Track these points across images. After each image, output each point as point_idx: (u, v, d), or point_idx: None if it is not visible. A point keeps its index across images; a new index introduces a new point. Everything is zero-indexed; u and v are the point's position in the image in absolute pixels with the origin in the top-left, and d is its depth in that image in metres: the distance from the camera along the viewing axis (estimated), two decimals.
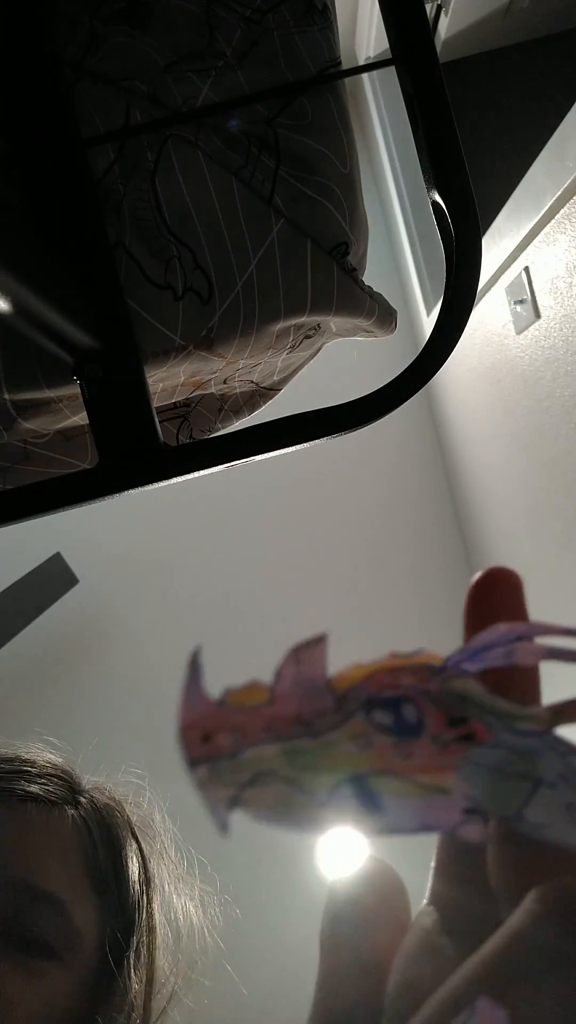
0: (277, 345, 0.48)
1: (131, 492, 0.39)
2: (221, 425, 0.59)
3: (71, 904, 0.41)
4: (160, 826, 0.50)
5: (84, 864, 0.43)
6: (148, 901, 0.46)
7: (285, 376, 0.59)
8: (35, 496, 0.38)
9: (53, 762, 0.48)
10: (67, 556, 1.74)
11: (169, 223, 0.40)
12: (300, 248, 0.42)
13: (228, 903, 0.52)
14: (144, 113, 0.40)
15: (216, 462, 0.39)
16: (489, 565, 0.20)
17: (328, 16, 0.43)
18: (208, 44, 0.42)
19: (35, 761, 0.47)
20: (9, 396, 0.40)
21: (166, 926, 0.46)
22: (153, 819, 0.50)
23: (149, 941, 0.44)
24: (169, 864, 0.49)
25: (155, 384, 0.46)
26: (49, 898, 0.40)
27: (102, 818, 0.46)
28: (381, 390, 0.39)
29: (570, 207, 0.94)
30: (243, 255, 0.41)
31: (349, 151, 0.44)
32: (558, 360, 1.09)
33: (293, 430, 0.39)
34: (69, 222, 0.38)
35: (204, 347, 0.42)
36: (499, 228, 1.16)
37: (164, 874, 0.48)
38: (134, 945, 0.43)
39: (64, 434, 0.50)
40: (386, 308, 0.50)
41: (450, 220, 0.38)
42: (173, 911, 0.47)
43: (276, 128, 0.42)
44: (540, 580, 1.41)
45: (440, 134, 0.37)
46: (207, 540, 1.94)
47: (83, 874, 0.43)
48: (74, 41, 0.40)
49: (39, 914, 0.40)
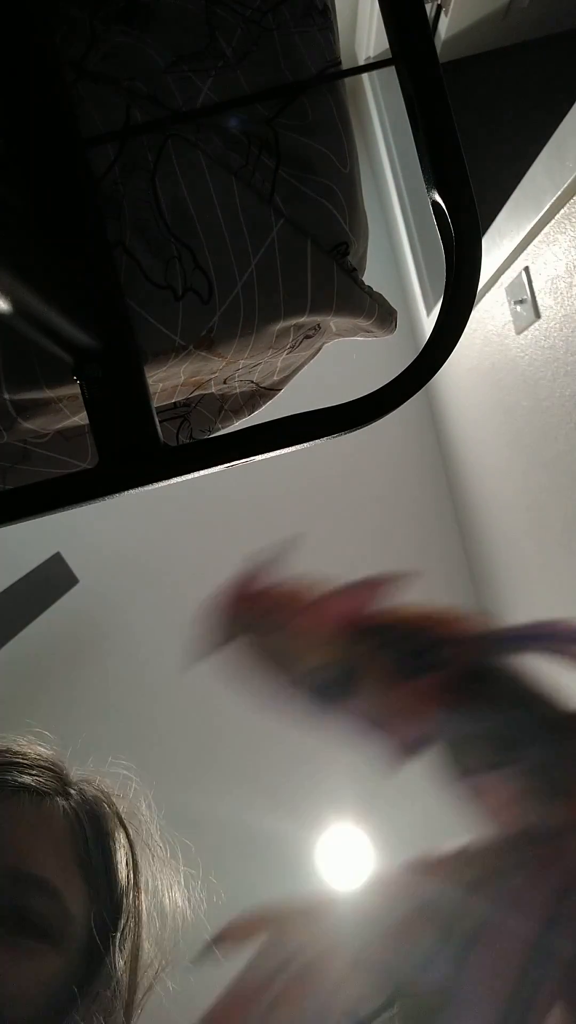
0: (277, 345, 0.48)
1: (131, 492, 0.39)
2: (221, 425, 0.59)
3: (62, 889, 0.43)
4: (146, 815, 0.52)
5: (74, 852, 0.45)
6: (135, 886, 0.48)
7: (285, 376, 0.59)
8: (35, 496, 0.38)
9: (43, 754, 0.50)
10: (67, 556, 1.74)
11: (169, 223, 0.40)
12: (300, 248, 0.42)
13: (213, 886, 0.54)
14: (144, 113, 0.40)
15: (216, 462, 0.39)
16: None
17: (328, 16, 0.43)
18: (208, 44, 0.42)
19: (26, 753, 0.49)
20: (9, 396, 0.40)
21: (151, 909, 0.49)
22: (139, 808, 0.52)
23: (135, 924, 0.47)
24: (155, 850, 0.51)
25: (155, 384, 0.46)
26: (41, 884, 0.42)
27: (91, 808, 0.48)
28: (381, 390, 0.39)
29: (570, 207, 0.94)
30: (243, 255, 0.41)
31: (349, 151, 0.44)
32: (558, 360, 1.09)
33: (293, 430, 0.39)
34: (69, 222, 0.38)
35: (204, 347, 0.42)
36: (499, 228, 1.16)
37: (150, 860, 0.50)
38: (121, 927, 0.45)
39: (64, 434, 0.50)
40: (386, 308, 0.50)
41: (450, 220, 0.38)
42: (158, 895, 0.50)
43: (276, 128, 0.42)
44: (540, 580, 1.40)
45: (440, 134, 0.37)
46: (207, 540, 1.94)
47: (73, 861, 0.45)
48: (74, 41, 0.40)
49: (32, 899, 0.41)
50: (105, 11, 0.41)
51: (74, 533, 1.83)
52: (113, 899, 0.46)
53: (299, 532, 1.93)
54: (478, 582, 1.91)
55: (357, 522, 1.97)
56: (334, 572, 1.18)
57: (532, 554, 1.42)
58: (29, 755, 0.49)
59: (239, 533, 1.95)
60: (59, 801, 0.46)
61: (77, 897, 0.44)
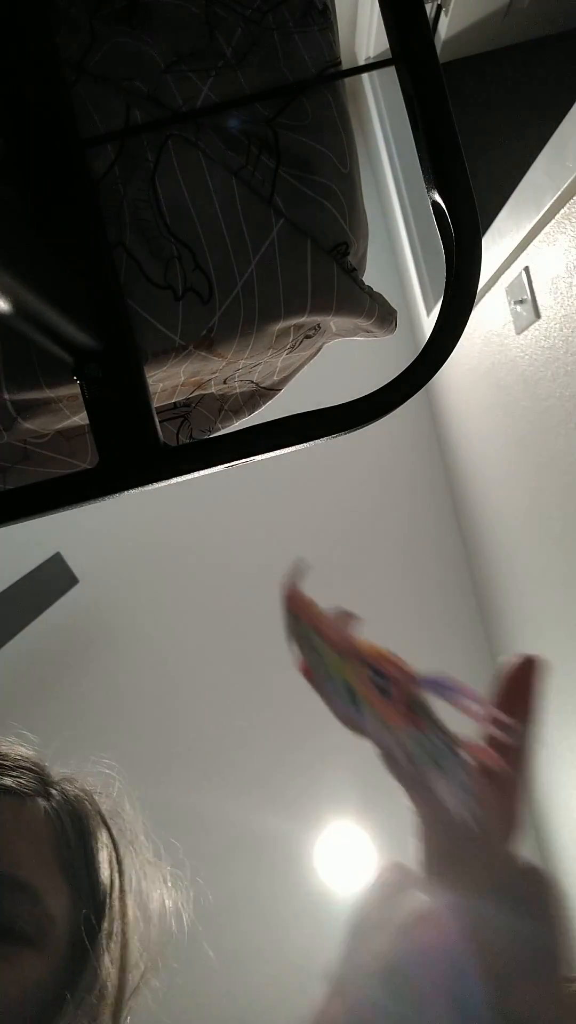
0: (277, 345, 0.48)
1: (131, 492, 0.39)
2: (221, 425, 0.59)
3: (44, 892, 0.42)
4: (130, 813, 0.52)
5: (56, 853, 0.45)
6: (119, 886, 0.48)
7: (285, 376, 0.59)
8: (35, 496, 0.38)
9: (24, 755, 0.50)
10: (67, 556, 1.74)
11: (169, 223, 0.40)
12: (300, 248, 0.42)
13: (200, 886, 0.54)
14: (144, 113, 0.40)
15: (216, 462, 0.39)
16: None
17: (328, 16, 0.43)
18: (208, 44, 0.42)
19: (7, 754, 0.49)
20: (9, 396, 0.40)
21: (137, 909, 0.48)
22: (123, 808, 0.52)
23: (121, 924, 0.46)
24: (140, 849, 0.51)
25: (155, 384, 0.46)
26: (23, 886, 0.41)
27: (72, 808, 0.48)
28: (381, 390, 0.39)
29: (570, 207, 0.94)
30: (243, 255, 0.41)
31: (349, 151, 0.44)
32: (558, 360, 1.09)
33: (293, 430, 0.39)
34: (69, 222, 0.38)
35: (204, 347, 0.42)
36: (499, 228, 1.16)
37: (134, 860, 0.50)
38: (106, 928, 0.45)
39: (64, 434, 0.50)
40: (386, 308, 0.50)
41: (450, 220, 0.38)
42: (144, 895, 0.49)
43: (276, 128, 0.42)
44: (540, 580, 1.40)
45: (440, 134, 0.37)
46: (207, 540, 1.94)
47: (55, 863, 0.44)
48: (74, 41, 0.40)
49: (13, 902, 0.41)
50: (105, 11, 0.41)
51: (74, 533, 1.83)
52: (97, 900, 0.46)
53: (300, 528, 1.91)
54: (477, 582, 1.91)
55: (356, 522, 1.97)
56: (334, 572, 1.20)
57: (532, 553, 1.42)
58: (9, 756, 0.48)
59: (239, 533, 1.95)
60: (40, 802, 0.46)
61: (60, 899, 0.43)
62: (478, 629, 1.95)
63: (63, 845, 0.45)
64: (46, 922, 0.42)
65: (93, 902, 0.45)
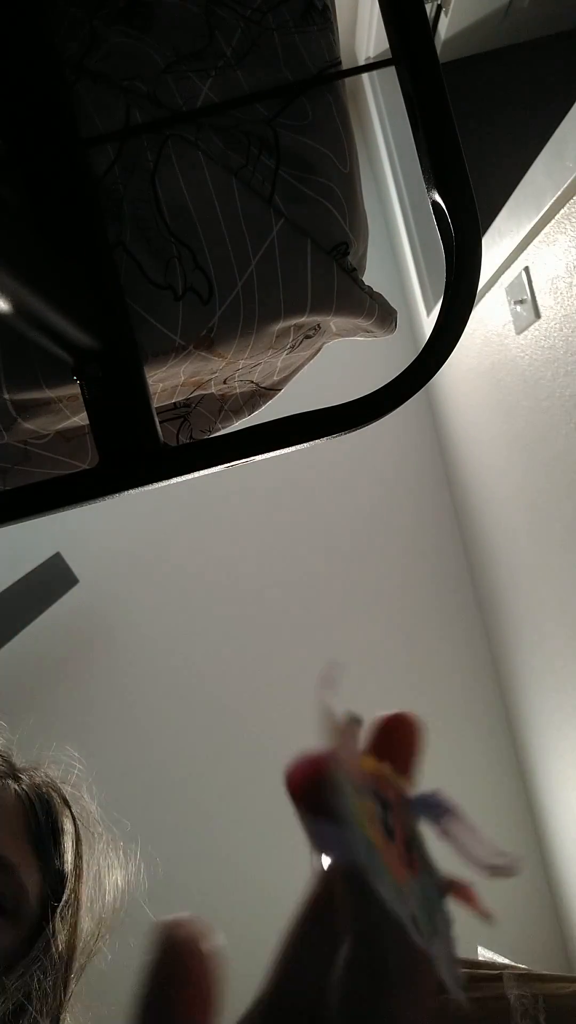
0: (277, 345, 0.48)
1: (131, 492, 0.39)
2: (221, 425, 0.59)
3: (19, 866, 0.46)
4: (87, 799, 0.57)
5: (27, 831, 0.49)
6: (79, 862, 0.53)
7: (285, 376, 0.59)
8: (35, 496, 0.38)
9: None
10: (67, 556, 1.74)
11: (169, 223, 0.40)
12: (300, 248, 0.42)
13: (151, 856, 0.60)
14: (144, 113, 0.40)
15: (216, 462, 0.39)
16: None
17: (328, 16, 0.43)
18: (208, 44, 0.42)
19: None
20: (9, 396, 0.40)
21: (93, 883, 0.53)
22: (81, 793, 0.57)
23: (76, 895, 0.51)
24: (95, 831, 0.56)
25: (155, 384, 0.46)
26: (2, 862, 0.46)
27: (40, 792, 0.53)
28: (381, 390, 0.39)
29: (570, 207, 0.94)
30: (243, 255, 0.41)
31: (349, 151, 0.44)
32: (558, 360, 1.09)
33: (293, 430, 0.39)
34: (69, 222, 0.38)
35: (204, 347, 0.42)
36: (499, 228, 1.16)
37: (91, 840, 0.55)
38: (64, 897, 0.49)
39: (64, 435, 0.50)
40: (386, 308, 0.50)
41: (450, 220, 0.38)
42: (99, 871, 0.54)
43: (276, 128, 0.42)
44: (540, 580, 1.40)
45: (440, 134, 0.37)
46: (207, 541, 1.94)
47: (26, 840, 0.49)
48: (74, 41, 0.40)
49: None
50: (105, 11, 0.41)
51: (74, 533, 1.83)
52: (61, 874, 0.50)
53: (300, 528, 1.90)
54: (478, 582, 1.91)
55: (356, 522, 1.97)
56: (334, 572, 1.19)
57: (532, 554, 1.42)
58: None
59: (239, 533, 1.95)
60: (11, 784, 0.51)
61: (32, 874, 0.48)
62: (478, 629, 1.95)
63: (33, 824, 0.50)
64: (21, 895, 0.46)
65: (59, 876, 0.50)
